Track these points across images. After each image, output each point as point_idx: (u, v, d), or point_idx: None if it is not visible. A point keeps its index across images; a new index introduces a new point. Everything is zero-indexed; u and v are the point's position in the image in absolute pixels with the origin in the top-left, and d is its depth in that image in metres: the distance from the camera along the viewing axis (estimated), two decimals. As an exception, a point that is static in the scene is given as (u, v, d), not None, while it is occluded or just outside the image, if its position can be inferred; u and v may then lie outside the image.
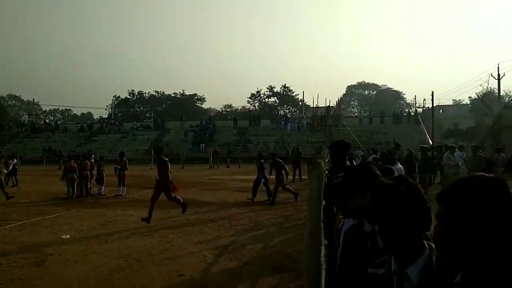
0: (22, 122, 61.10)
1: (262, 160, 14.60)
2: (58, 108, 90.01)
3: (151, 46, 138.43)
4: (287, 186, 13.67)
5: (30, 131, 53.62)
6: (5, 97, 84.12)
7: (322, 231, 3.50)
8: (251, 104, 78.93)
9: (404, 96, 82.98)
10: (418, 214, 1.47)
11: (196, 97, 78.70)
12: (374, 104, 76.76)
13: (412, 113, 52.58)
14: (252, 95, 77.75)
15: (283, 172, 13.54)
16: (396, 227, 1.46)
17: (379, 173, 2.24)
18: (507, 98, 43.06)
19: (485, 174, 1.24)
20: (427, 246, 1.47)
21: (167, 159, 10.74)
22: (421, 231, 1.50)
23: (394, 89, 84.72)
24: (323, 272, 2.66)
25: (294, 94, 76.09)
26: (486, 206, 1.13)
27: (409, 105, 75.36)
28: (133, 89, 78.85)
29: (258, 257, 7.19)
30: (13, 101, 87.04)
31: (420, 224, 1.48)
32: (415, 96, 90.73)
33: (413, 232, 1.47)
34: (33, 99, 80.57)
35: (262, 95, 77.56)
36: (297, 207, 12.46)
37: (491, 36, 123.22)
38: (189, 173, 26.27)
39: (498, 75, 36.28)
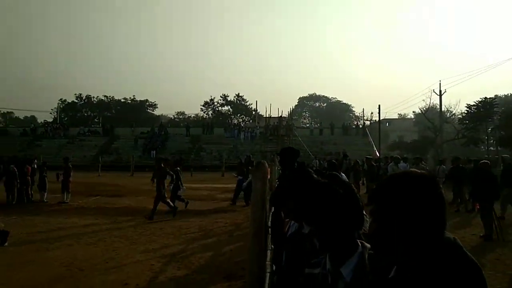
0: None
1: (178, 167, 14.48)
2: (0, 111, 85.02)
3: (100, 49, 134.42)
4: (166, 200, 12.30)
5: (-33, 133, 50.29)
6: None
7: (269, 236, 3.55)
8: (204, 112, 78.45)
9: (353, 109, 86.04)
10: (351, 212, 1.51)
11: (147, 103, 76.97)
12: (325, 116, 78.77)
13: (360, 126, 54.45)
14: (206, 103, 77.27)
15: (164, 181, 12.30)
16: (330, 225, 1.49)
17: (314, 175, 2.31)
18: (448, 113, 45.65)
19: (416, 170, 1.30)
20: (360, 244, 1.51)
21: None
22: (354, 229, 1.54)
23: (344, 102, 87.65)
24: (267, 275, 2.68)
25: (248, 103, 76.51)
26: (417, 201, 1.17)
27: (357, 118, 78.00)
28: (80, 92, 76.00)
29: (207, 265, 7.12)
30: None
31: (353, 222, 1.52)
32: (363, 109, 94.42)
33: (347, 230, 1.50)
34: (-29, 100, 75.60)
35: (215, 104, 77.33)
36: (248, 214, 12.50)
37: (435, 53, 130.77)
38: (138, 181, 25.61)
39: (440, 91, 38.53)
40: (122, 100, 76.33)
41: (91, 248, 8.16)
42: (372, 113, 55.58)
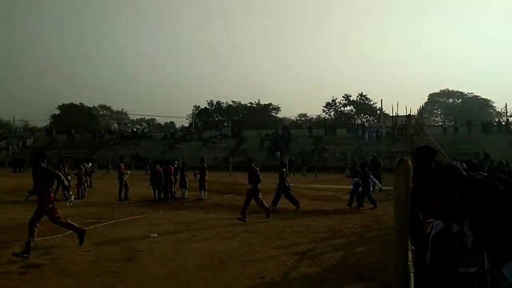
0: (112, 130, 66.34)
1: (284, 169, 14.51)
2: (144, 118, 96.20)
3: (228, 57, 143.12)
4: (260, 201, 12.14)
5: (120, 138, 57.86)
6: (97, 107, 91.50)
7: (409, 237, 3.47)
8: (326, 113, 78.08)
9: (494, 105, 76.65)
10: None
11: (271, 107, 79.60)
12: (460, 113, 71.94)
13: (503, 123, 48.47)
14: (327, 104, 76.81)
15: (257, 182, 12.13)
16: (491, 223, 1.42)
17: (464, 173, 2.20)
18: None
19: None
20: None
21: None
22: None
23: (482, 97, 78.71)
24: (411, 276, 2.65)
25: (372, 102, 73.97)
26: None
27: (499, 114, 69.56)
28: (211, 99, 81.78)
29: (338, 265, 7.16)
30: (104, 111, 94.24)
31: None
32: (506, 104, 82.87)
33: (508, 229, 1.42)
34: (122, 109, 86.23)
35: (337, 104, 76.39)
36: (378, 217, 12.20)
37: None
38: (265, 181, 26.59)
39: None
40: (248, 105, 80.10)
41: (228, 242, 8.82)
42: (517, 108, 48.95)
